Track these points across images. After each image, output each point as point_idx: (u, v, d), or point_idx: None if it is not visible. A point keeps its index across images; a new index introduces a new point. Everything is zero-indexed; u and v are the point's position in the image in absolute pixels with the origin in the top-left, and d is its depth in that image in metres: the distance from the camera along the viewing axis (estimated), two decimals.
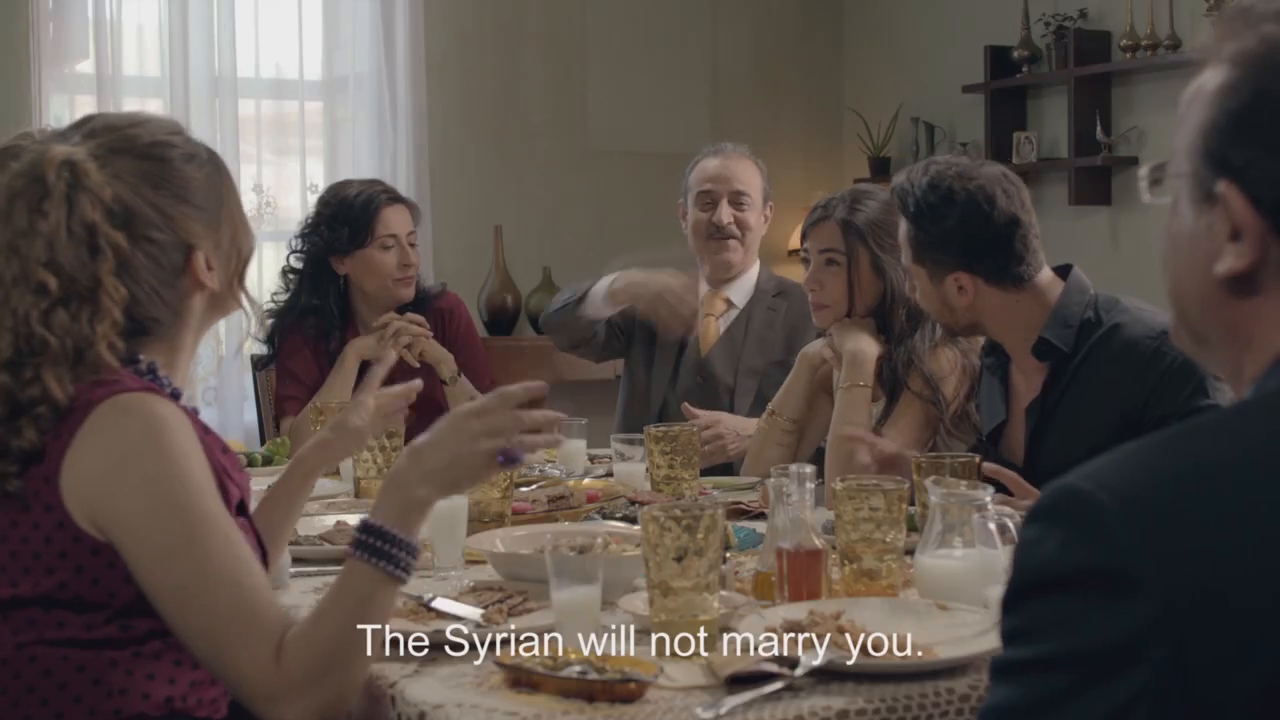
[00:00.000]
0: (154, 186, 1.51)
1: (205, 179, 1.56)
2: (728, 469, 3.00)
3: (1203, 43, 1.00)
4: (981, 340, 2.66)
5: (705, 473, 2.75)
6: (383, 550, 1.42)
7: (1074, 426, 2.21)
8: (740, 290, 3.35)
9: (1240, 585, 0.80)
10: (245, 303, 1.64)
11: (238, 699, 1.43)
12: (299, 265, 3.37)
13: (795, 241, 5.70)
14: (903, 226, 2.34)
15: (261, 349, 3.50)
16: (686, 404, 3.02)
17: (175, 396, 1.53)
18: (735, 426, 2.94)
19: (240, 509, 1.54)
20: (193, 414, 1.52)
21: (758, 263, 3.40)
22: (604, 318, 3.28)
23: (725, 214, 3.29)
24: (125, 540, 1.40)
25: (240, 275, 1.62)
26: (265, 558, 1.59)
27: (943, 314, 2.34)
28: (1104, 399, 2.18)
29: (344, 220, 3.30)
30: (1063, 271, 2.30)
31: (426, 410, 3.28)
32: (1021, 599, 0.87)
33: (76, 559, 1.40)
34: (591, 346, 3.41)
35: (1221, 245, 0.94)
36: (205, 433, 1.52)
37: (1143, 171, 1.04)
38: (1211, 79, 0.97)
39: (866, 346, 2.63)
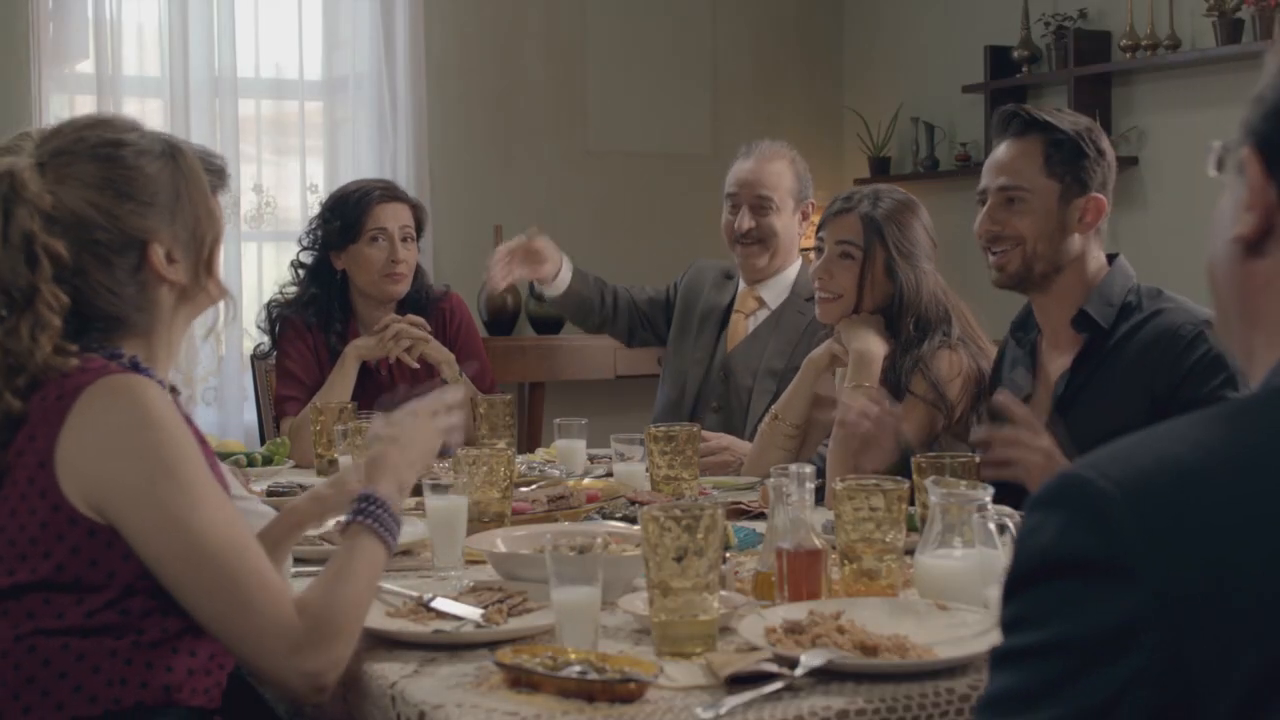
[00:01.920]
0: (99, 188, 1.52)
1: (159, 172, 1.57)
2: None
3: None
4: (980, 344, 2.66)
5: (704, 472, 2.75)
6: (386, 521, 1.57)
7: (1100, 404, 2.23)
8: (775, 290, 3.32)
9: (1239, 575, 0.81)
10: (216, 292, 1.65)
11: (253, 659, 1.45)
12: (308, 260, 3.40)
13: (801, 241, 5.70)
14: (1037, 143, 2.34)
15: (264, 340, 3.50)
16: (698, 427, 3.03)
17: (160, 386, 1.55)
18: (742, 453, 2.94)
19: None
20: (177, 401, 1.55)
21: (799, 261, 3.36)
22: (552, 294, 3.46)
23: (744, 221, 3.28)
24: (125, 513, 1.42)
25: (209, 264, 1.62)
26: None
27: (1046, 239, 2.32)
28: (1135, 380, 2.21)
29: (339, 215, 3.33)
30: (1109, 258, 2.37)
31: None
32: (1020, 586, 0.87)
33: (73, 541, 1.42)
34: (613, 328, 3.53)
35: (1240, 212, 0.95)
36: (187, 421, 1.54)
37: (1214, 148, 1.04)
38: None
39: (874, 347, 2.62)
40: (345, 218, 3.32)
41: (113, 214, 1.52)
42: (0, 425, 1.46)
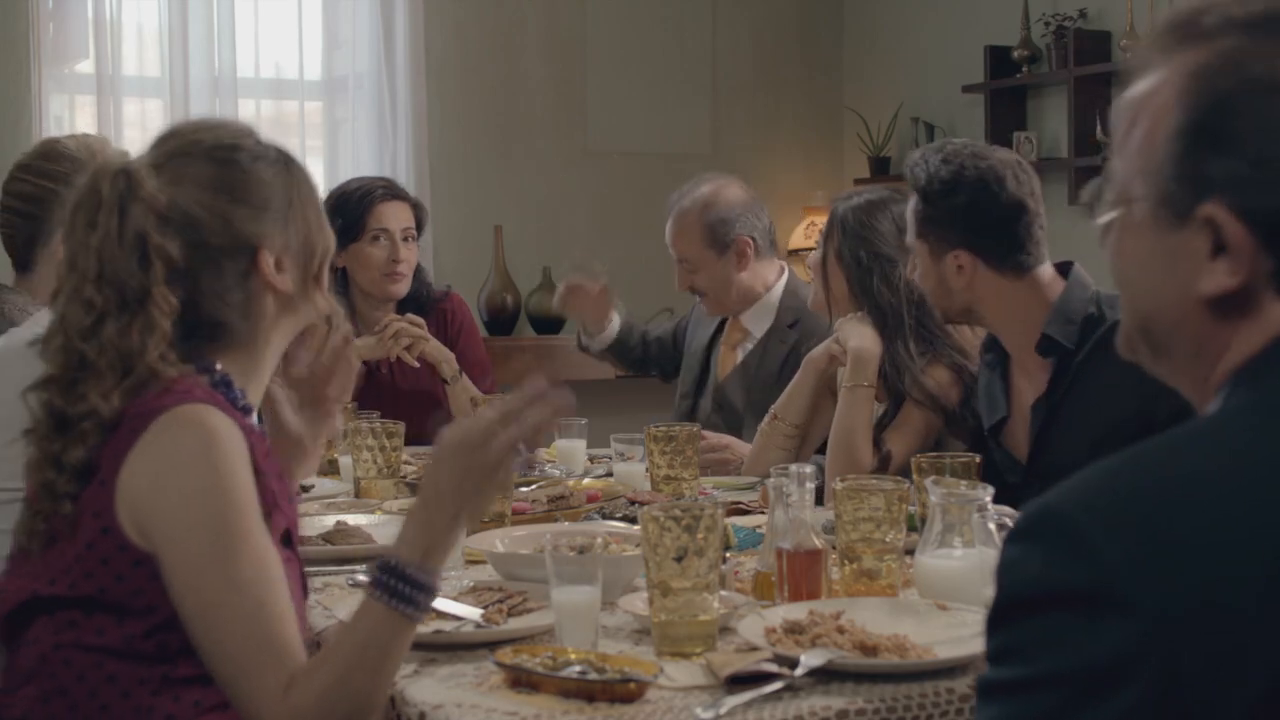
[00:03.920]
0: (214, 190, 1.50)
1: (274, 177, 1.55)
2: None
3: (1140, 53, 0.99)
4: (951, 340, 2.66)
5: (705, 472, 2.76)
6: (401, 592, 1.39)
7: (1082, 423, 2.20)
8: (758, 317, 3.28)
9: (1227, 595, 0.80)
10: (324, 305, 1.60)
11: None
12: None
13: (795, 241, 5.71)
14: (911, 201, 2.35)
15: None
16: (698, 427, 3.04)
17: (246, 412, 1.51)
18: (743, 454, 2.94)
19: (286, 540, 1.51)
20: (258, 434, 1.51)
21: (782, 281, 3.30)
22: (598, 347, 3.52)
23: (679, 281, 3.32)
24: (162, 549, 1.39)
25: (317, 276, 1.59)
26: (306, 591, 1.58)
27: (939, 294, 2.34)
28: (1113, 396, 2.18)
29: (340, 213, 3.32)
30: (1064, 269, 2.31)
31: (427, 409, 3.30)
32: (1006, 619, 0.87)
33: (118, 568, 1.40)
34: (656, 367, 3.60)
35: (1201, 264, 0.93)
36: (265, 456, 1.50)
37: (1085, 196, 1.03)
38: (1160, 94, 0.96)
39: (870, 345, 2.62)
40: (346, 216, 3.32)
41: (225, 217, 1.49)
42: (96, 427, 1.42)
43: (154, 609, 1.40)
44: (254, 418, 1.55)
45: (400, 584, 1.39)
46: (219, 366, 1.51)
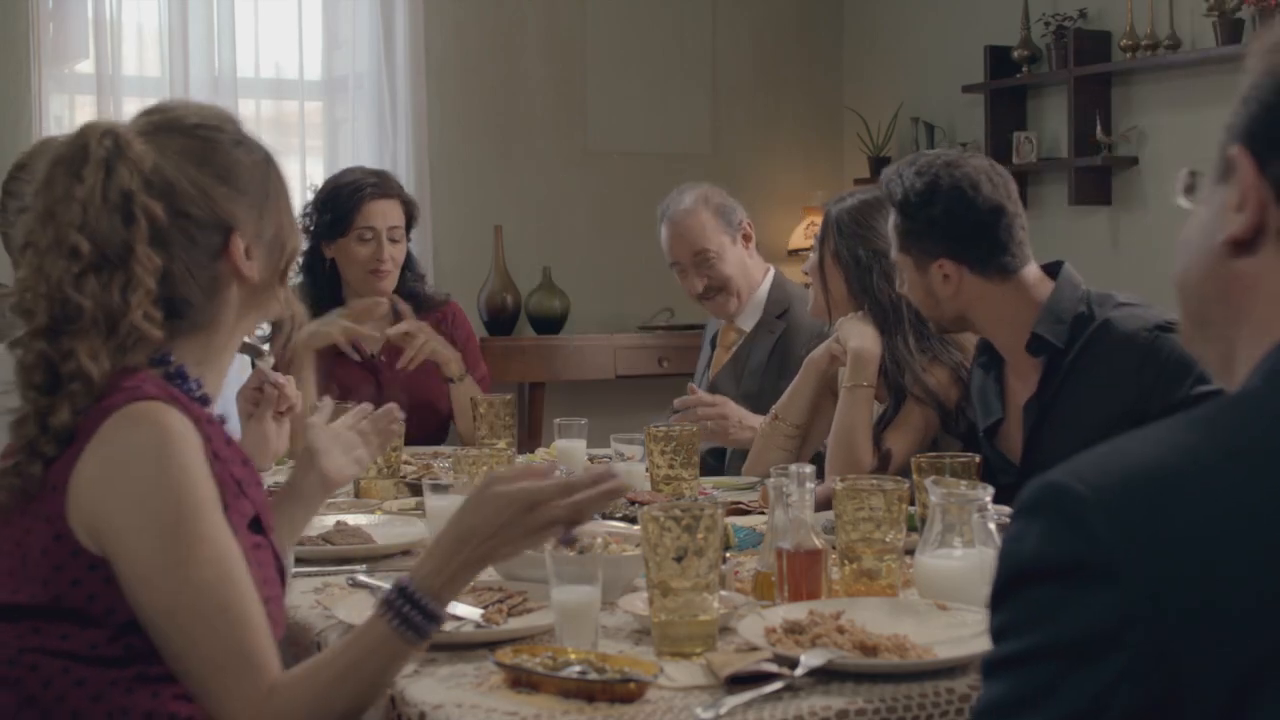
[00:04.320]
0: (197, 164, 1.50)
1: (253, 166, 1.55)
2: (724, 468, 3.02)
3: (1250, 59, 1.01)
4: (974, 348, 2.66)
5: (705, 473, 2.76)
6: (410, 618, 1.41)
7: (1074, 423, 2.21)
8: (749, 315, 3.33)
9: (1222, 574, 0.81)
10: (286, 301, 1.61)
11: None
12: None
13: (795, 242, 5.71)
14: (891, 217, 2.36)
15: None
16: (691, 384, 3.04)
17: (204, 402, 1.50)
18: (740, 414, 2.94)
19: (256, 526, 1.50)
20: (216, 424, 1.50)
21: (769, 276, 3.35)
22: None
23: (696, 284, 3.31)
24: (116, 554, 1.37)
25: (283, 273, 1.59)
26: (284, 577, 1.57)
27: (929, 305, 2.35)
28: (1104, 395, 2.18)
29: (330, 207, 3.34)
30: (1053, 269, 2.31)
31: (427, 408, 3.30)
32: (1005, 594, 0.88)
33: (73, 573, 1.38)
34: None
35: (1228, 214, 0.95)
36: (226, 444, 1.49)
37: (1181, 175, 1.04)
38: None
39: (870, 344, 2.62)
40: (335, 211, 3.33)
41: (207, 192, 1.50)
42: (85, 390, 1.41)
43: (113, 613, 1.38)
44: (213, 408, 1.53)
45: (412, 610, 1.41)
46: (173, 357, 1.50)
